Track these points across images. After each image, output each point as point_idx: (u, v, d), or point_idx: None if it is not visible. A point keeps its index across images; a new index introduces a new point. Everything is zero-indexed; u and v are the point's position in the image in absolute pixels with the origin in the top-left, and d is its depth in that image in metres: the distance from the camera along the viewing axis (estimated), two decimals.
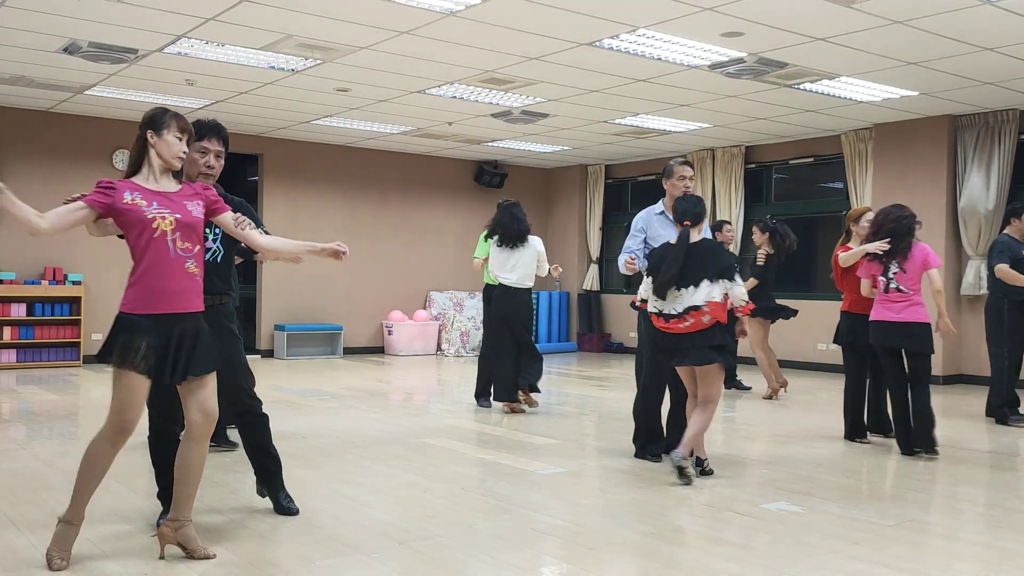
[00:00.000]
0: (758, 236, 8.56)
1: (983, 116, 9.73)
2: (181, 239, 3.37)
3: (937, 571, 3.47)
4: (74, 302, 10.61)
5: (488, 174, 13.97)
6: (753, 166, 12.21)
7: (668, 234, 5.33)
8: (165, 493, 3.89)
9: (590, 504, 4.45)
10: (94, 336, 10.86)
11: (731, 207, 12.12)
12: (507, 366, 7.40)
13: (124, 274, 3.60)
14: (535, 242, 7.58)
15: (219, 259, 4.04)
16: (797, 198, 12.23)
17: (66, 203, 3.38)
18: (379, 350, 13.15)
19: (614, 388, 9.31)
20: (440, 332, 13.26)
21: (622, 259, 5.37)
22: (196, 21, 6.82)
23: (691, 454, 4.98)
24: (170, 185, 3.45)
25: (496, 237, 7.50)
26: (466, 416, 7.30)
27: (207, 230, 3.83)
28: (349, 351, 12.76)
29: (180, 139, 3.43)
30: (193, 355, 3.37)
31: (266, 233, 3.80)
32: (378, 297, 13.12)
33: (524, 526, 4.01)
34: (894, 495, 4.80)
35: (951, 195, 9.99)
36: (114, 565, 3.38)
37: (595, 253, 14.25)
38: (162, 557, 3.45)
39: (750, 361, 9.61)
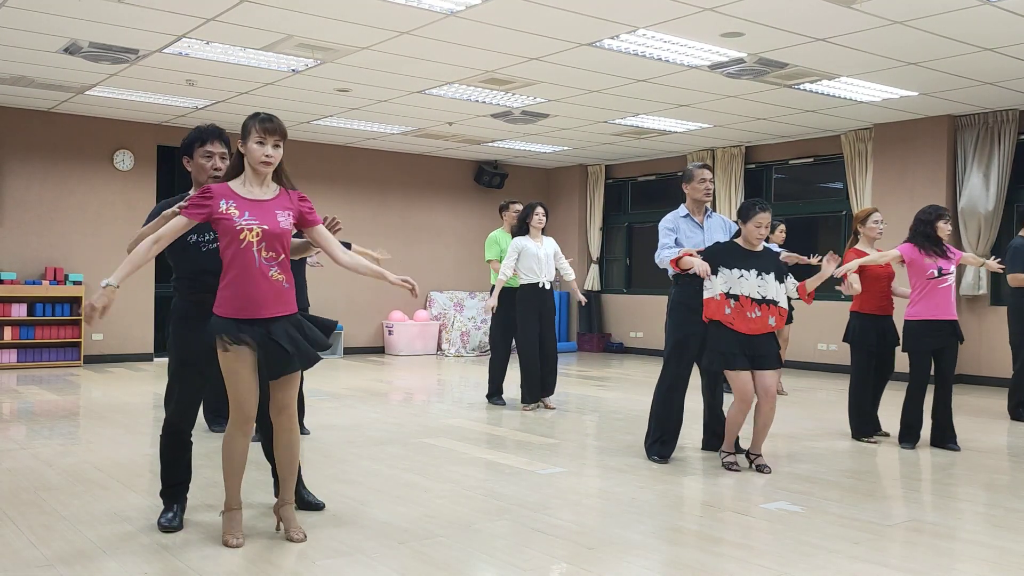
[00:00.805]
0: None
1: (983, 116, 9.73)
2: (266, 248, 3.50)
3: (937, 571, 3.47)
4: (75, 302, 10.61)
5: (488, 174, 13.97)
6: (753, 166, 12.21)
7: (695, 236, 5.46)
8: (169, 491, 3.91)
9: (590, 504, 4.45)
10: (94, 336, 10.87)
11: (731, 207, 12.12)
12: (537, 366, 7.54)
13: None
14: (552, 241, 7.74)
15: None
16: (797, 198, 12.23)
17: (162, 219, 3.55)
18: (379, 350, 13.16)
19: (614, 388, 9.32)
20: (440, 332, 13.27)
21: (670, 253, 5.31)
22: (196, 21, 6.82)
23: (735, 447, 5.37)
24: (267, 191, 3.57)
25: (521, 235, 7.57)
26: (466, 416, 7.30)
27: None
28: (349, 351, 12.77)
29: (262, 143, 3.52)
30: (276, 359, 3.53)
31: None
32: (378, 297, 13.12)
33: (524, 526, 4.01)
34: (894, 495, 4.80)
35: (951, 195, 9.99)
36: (114, 564, 3.38)
37: (595, 253, 14.25)
38: (279, 530, 3.79)
39: None
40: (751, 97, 9.12)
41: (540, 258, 7.49)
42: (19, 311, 10.25)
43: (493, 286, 7.81)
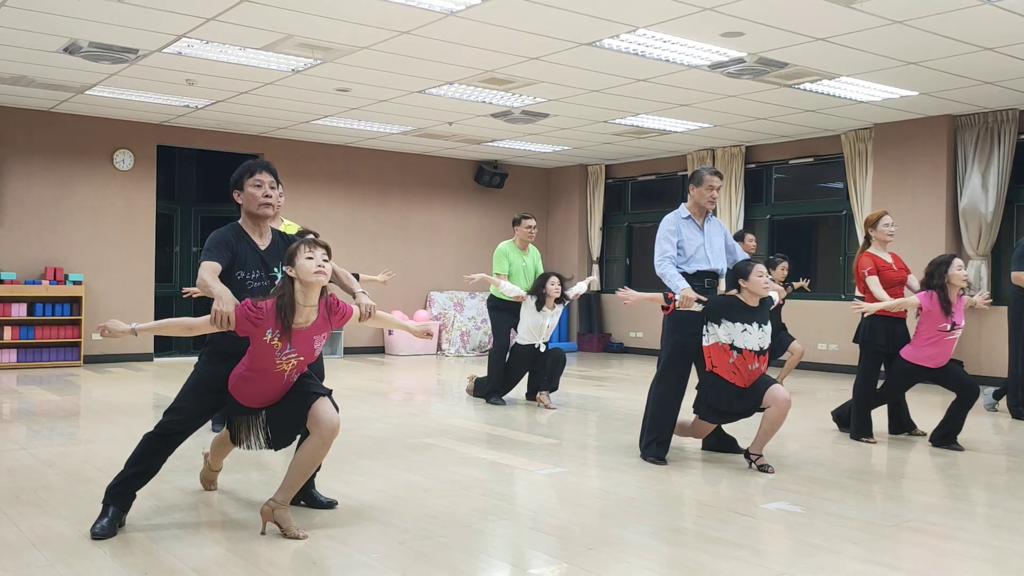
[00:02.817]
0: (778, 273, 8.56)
1: (983, 116, 9.73)
2: (296, 370, 3.73)
3: (937, 571, 3.47)
4: (75, 302, 10.61)
5: (488, 174, 13.97)
6: (753, 166, 12.21)
7: (696, 237, 5.46)
8: (121, 491, 3.81)
9: (590, 504, 4.45)
10: (94, 336, 10.87)
11: (731, 207, 12.12)
12: (503, 368, 7.88)
13: (124, 274, 3.69)
14: (560, 309, 7.87)
15: None
16: (797, 198, 12.23)
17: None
18: (379, 350, 13.16)
19: (614, 388, 9.32)
20: (440, 332, 13.27)
21: (674, 278, 5.29)
22: (196, 21, 6.82)
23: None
24: (309, 313, 3.67)
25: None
26: (466, 416, 7.30)
27: (275, 268, 3.97)
28: (349, 351, 12.76)
29: (312, 258, 3.61)
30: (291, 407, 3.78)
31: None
32: (378, 297, 13.04)
33: (524, 526, 4.01)
34: (894, 495, 4.80)
35: (951, 195, 9.99)
36: (114, 564, 3.38)
37: (595, 253, 14.25)
38: (263, 533, 3.77)
39: None
40: (751, 97, 9.12)
41: (543, 326, 7.67)
42: (19, 311, 10.25)
43: (491, 296, 7.96)
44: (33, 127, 10.56)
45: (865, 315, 6.10)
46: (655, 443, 5.46)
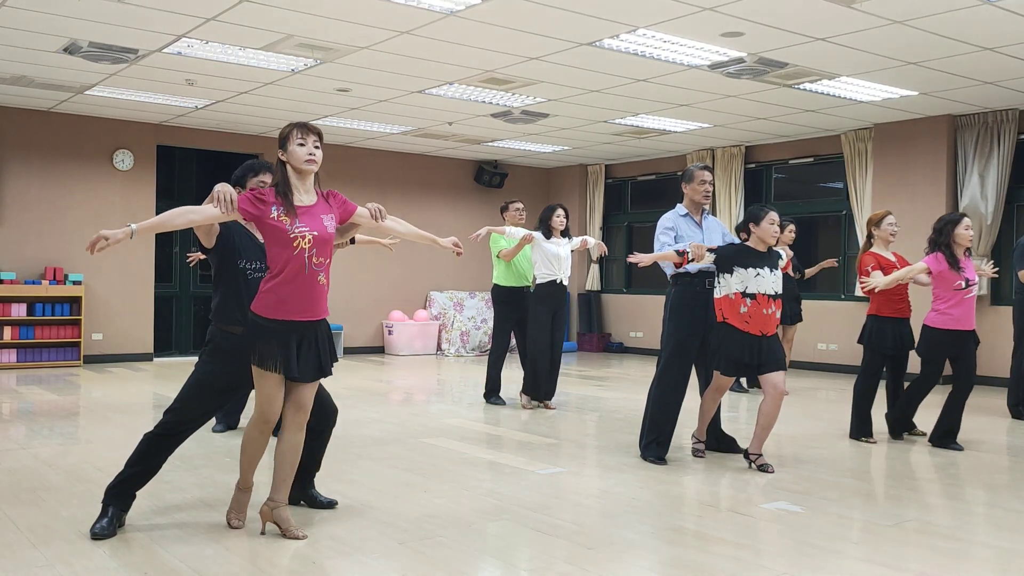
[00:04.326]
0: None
1: (983, 116, 9.73)
2: (317, 255, 3.61)
3: (937, 571, 3.47)
4: (74, 302, 10.61)
5: (488, 174, 13.97)
6: (753, 166, 12.21)
7: (694, 236, 5.46)
8: (121, 491, 3.81)
9: (590, 504, 4.45)
10: (94, 336, 10.87)
11: (731, 207, 12.12)
12: (546, 365, 7.59)
13: (124, 274, 3.70)
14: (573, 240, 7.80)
15: None
16: (797, 198, 12.24)
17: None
18: (379, 350, 13.16)
19: (614, 388, 9.32)
20: (440, 332, 13.26)
21: (676, 246, 5.27)
22: (196, 21, 6.82)
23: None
24: (310, 196, 3.66)
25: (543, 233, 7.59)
26: (466, 416, 7.30)
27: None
28: (349, 351, 12.76)
29: (303, 144, 3.61)
30: (307, 362, 3.64)
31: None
32: (378, 297, 13.12)
33: (524, 526, 4.01)
34: (894, 495, 4.80)
35: (951, 195, 9.99)
36: (113, 564, 3.38)
37: (595, 254, 14.24)
38: (263, 533, 3.76)
39: None
40: (751, 97, 9.12)
41: (560, 256, 7.52)
42: (19, 311, 10.24)
43: (495, 285, 7.88)
44: (33, 127, 10.56)
45: (876, 290, 5.96)
46: (655, 443, 5.46)
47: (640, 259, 5.22)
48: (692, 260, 5.15)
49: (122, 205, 11.11)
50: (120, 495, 3.81)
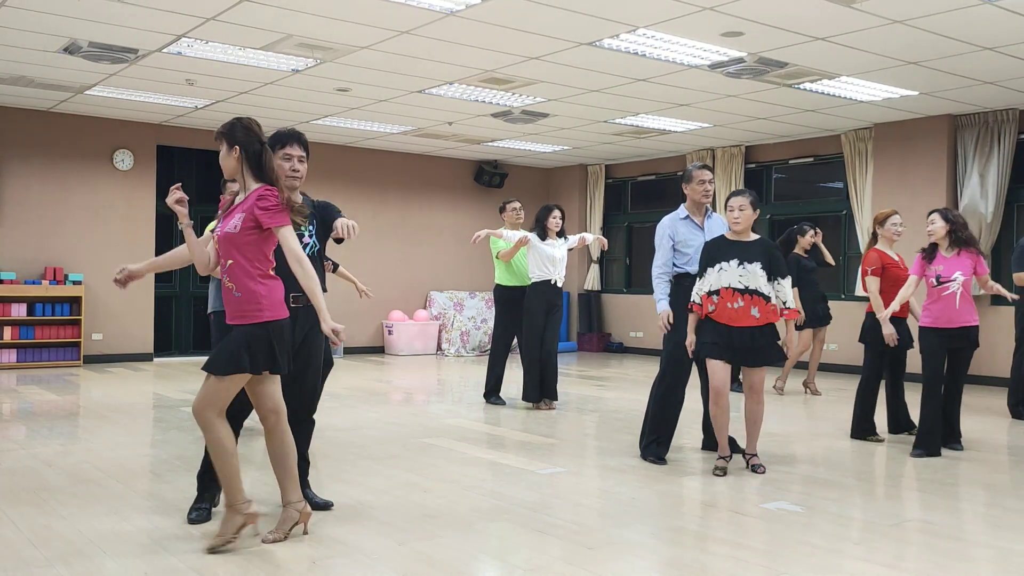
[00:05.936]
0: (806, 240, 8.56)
1: (983, 116, 9.72)
2: (222, 255, 3.58)
3: (937, 571, 3.47)
4: (74, 302, 10.61)
5: (488, 174, 13.97)
6: (753, 166, 12.21)
7: (696, 239, 5.40)
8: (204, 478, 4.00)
9: (590, 504, 4.45)
10: (94, 336, 10.87)
11: None
12: (537, 364, 7.58)
13: None
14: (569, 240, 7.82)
15: (315, 253, 4.07)
16: (797, 198, 12.24)
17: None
18: (379, 350, 13.16)
19: (614, 388, 9.32)
20: (440, 332, 13.26)
21: (658, 297, 5.38)
22: (196, 21, 6.82)
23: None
24: (242, 196, 3.69)
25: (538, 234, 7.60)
26: (466, 416, 7.30)
27: (303, 226, 3.88)
28: (349, 351, 12.76)
29: (229, 153, 3.74)
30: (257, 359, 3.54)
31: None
32: (378, 297, 13.10)
33: (524, 526, 4.01)
34: (894, 495, 4.80)
35: (951, 195, 9.99)
36: (113, 564, 3.38)
37: (595, 253, 14.24)
38: (305, 532, 3.76)
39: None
40: (751, 97, 9.12)
41: (555, 257, 7.53)
42: (19, 311, 10.24)
43: (497, 285, 7.88)
44: (33, 127, 10.56)
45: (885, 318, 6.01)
46: (655, 443, 5.46)
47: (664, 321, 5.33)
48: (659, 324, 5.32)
49: (122, 205, 11.11)
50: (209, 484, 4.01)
